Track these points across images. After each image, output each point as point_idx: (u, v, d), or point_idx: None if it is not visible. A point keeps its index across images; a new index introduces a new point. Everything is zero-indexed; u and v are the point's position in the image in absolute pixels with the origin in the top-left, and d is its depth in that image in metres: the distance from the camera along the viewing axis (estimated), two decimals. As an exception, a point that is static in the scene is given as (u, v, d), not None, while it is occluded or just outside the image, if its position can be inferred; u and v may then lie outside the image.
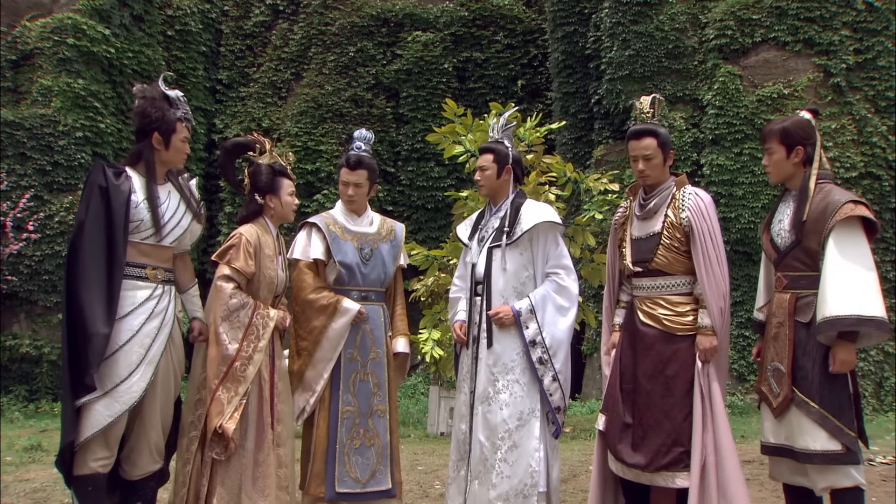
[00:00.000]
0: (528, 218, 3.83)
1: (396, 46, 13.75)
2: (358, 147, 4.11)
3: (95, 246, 3.35)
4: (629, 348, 3.63)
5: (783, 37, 10.47)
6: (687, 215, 3.53)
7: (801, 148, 3.42)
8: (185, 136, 3.63)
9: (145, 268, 3.50)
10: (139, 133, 3.60)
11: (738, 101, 10.36)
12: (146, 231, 3.49)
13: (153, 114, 3.53)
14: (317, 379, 3.92)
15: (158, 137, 3.55)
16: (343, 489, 3.83)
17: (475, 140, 8.15)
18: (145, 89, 3.60)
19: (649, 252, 3.60)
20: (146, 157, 3.56)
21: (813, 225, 3.29)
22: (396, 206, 13.15)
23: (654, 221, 3.63)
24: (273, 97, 13.79)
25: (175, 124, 3.58)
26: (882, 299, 3.16)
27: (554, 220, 3.84)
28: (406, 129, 13.37)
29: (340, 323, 3.89)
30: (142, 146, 3.57)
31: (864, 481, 3.29)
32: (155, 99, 3.56)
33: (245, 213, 3.87)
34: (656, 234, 3.60)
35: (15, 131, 10.81)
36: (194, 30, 13.33)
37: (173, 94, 3.61)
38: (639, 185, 3.75)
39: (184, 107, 3.65)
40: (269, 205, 3.87)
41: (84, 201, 3.41)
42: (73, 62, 11.19)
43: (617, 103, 11.11)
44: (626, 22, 11.07)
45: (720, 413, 3.47)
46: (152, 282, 3.51)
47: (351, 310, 3.88)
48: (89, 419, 3.29)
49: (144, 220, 3.47)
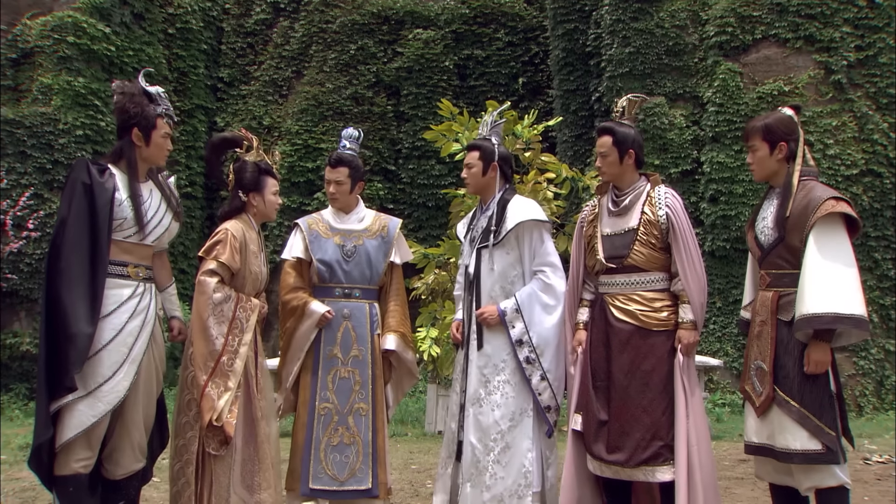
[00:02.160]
0: (512, 217, 3.81)
1: (397, 44, 13.73)
2: (343, 146, 4.12)
3: (79, 244, 3.32)
4: (601, 345, 3.62)
5: (784, 34, 10.40)
6: (665, 212, 3.55)
7: (785, 144, 3.40)
8: (165, 133, 3.60)
9: (127, 266, 3.48)
10: (120, 130, 3.58)
11: (738, 98, 10.30)
12: (129, 229, 3.48)
13: (132, 109, 3.51)
14: (288, 377, 3.97)
15: (138, 133, 3.53)
16: (317, 486, 3.85)
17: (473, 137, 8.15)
18: (124, 85, 3.58)
19: (624, 248, 3.60)
20: (127, 154, 3.54)
21: (795, 222, 3.27)
22: (397, 204, 13.13)
23: (629, 218, 3.64)
24: (274, 95, 13.78)
25: (155, 120, 3.55)
26: (862, 297, 3.13)
27: (538, 217, 3.82)
28: (407, 127, 13.35)
29: (306, 325, 3.92)
30: (122, 143, 3.55)
31: (849, 480, 3.27)
32: (134, 95, 3.54)
33: (228, 210, 3.86)
34: (631, 230, 3.60)
35: (15, 129, 10.82)
36: (195, 28, 13.33)
37: (154, 90, 3.60)
38: (608, 184, 3.76)
39: (164, 103, 3.62)
40: (252, 203, 3.87)
41: (66, 198, 3.37)
42: (73, 60, 11.19)
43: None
44: (626, 19, 11.02)
45: (699, 406, 3.51)
46: (134, 280, 3.50)
47: (316, 312, 3.89)
48: (72, 419, 3.26)
49: (127, 219, 3.45)
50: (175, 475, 3.59)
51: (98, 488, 3.52)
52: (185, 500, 3.53)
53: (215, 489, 3.55)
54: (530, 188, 8.31)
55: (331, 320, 3.93)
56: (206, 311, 3.58)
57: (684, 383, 3.47)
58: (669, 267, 3.59)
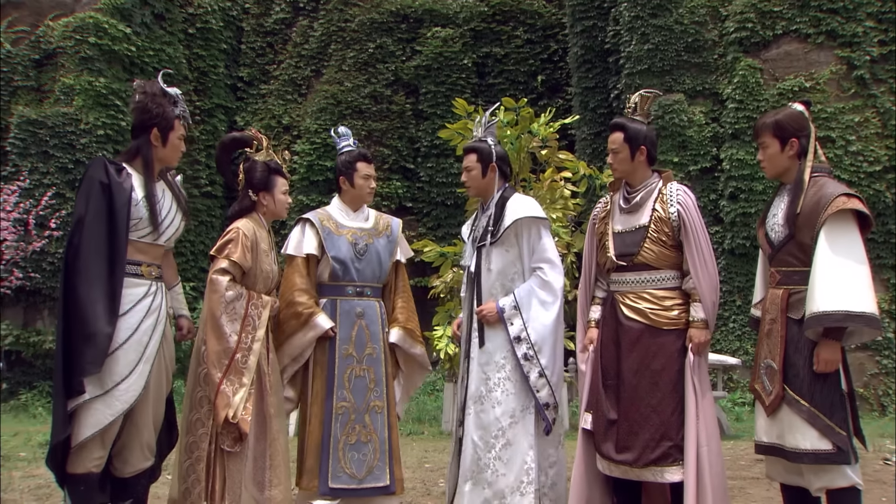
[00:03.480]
0: (510, 215, 3.80)
1: (416, 42, 13.74)
2: (355, 142, 4.14)
3: (97, 243, 3.32)
4: (611, 343, 3.59)
5: (805, 29, 10.29)
6: (677, 209, 3.50)
7: (796, 140, 3.35)
8: (181, 134, 3.62)
9: (141, 265, 3.49)
10: (137, 129, 3.59)
11: (758, 94, 10.20)
12: (144, 229, 3.49)
13: (154, 109, 3.52)
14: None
15: (157, 134, 3.54)
16: (337, 485, 3.83)
17: (487, 136, 8.13)
18: (145, 85, 3.60)
19: (635, 245, 3.56)
20: (144, 154, 3.54)
21: (806, 219, 3.22)
22: (416, 203, 13.15)
23: (640, 215, 3.60)
24: (293, 94, 13.85)
25: (174, 121, 3.57)
26: (873, 295, 3.08)
27: (535, 214, 3.80)
28: (425, 126, 13.36)
29: (308, 336, 3.88)
30: (140, 142, 3.56)
31: (861, 481, 3.22)
32: (155, 95, 3.55)
33: (238, 209, 3.88)
34: (642, 227, 3.56)
35: (38, 130, 10.96)
36: (215, 27, 13.43)
37: (173, 91, 3.61)
38: (620, 181, 3.73)
39: (182, 105, 3.64)
40: (262, 202, 3.89)
41: (83, 197, 3.37)
42: (94, 61, 11.32)
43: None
44: (645, 16, 10.96)
45: (710, 406, 3.45)
46: (147, 279, 3.51)
47: (321, 326, 3.86)
48: (90, 418, 3.28)
49: (143, 219, 3.46)
50: (185, 472, 3.59)
51: (107, 486, 3.54)
52: (195, 496, 3.53)
53: (228, 485, 3.55)
54: (547, 186, 8.29)
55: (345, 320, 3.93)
56: (218, 309, 3.59)
57: (695, 383, 3.42)
58: (681, 265, 3.55)
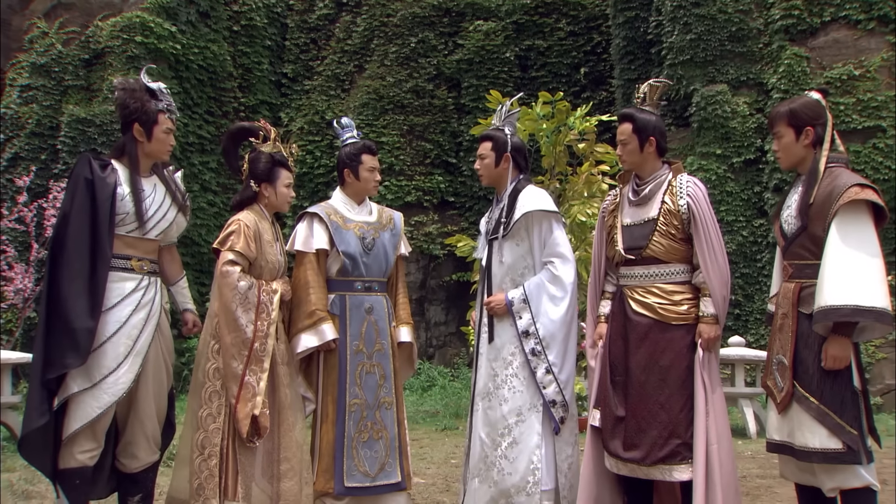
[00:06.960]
0: (521, 207, 3.74)
1: (458, 36, 13.69)
2: (358, 134, 4.13)
3: (80, 238, 3.38)
4: (619, 339, 3.52)
5: (855, 14, 9.94)
6: (686, 202, 3.41)
7: (811, 129, 3.24)
8: (168, 128, 3.64)
9: (130, 259, 3.54)
10: (122, 126, 3.65)
11: (804, 84, 9.89)
12: (131, 224, 3.53)
13: (132, 104, 3.56)
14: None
15: (139, 129, 3.58)
16: (352, 483, 3.79)
17: (524, 129, 8.08)
18: (126, 81, 3.65)
19: (643, 239, 3.48)
20: (129, 150, 3.59)
21: (819, 210, 3.11)
22: (458, 198, 13.11)
23: (649, 208, 3.52)
24: (336, 90, 13.92)
25: (157, 115, 3.60)
26: (886, 289, 2.96)
27: (546, 207, 3.74)
28: (468, 120, 13.29)
29: (307, 339, 3.82)
30: (125, 138, 3.62)
31: (876, 481, 3.11)
32: (135, 91, 3.59)
33: (239, 199, 3.88)
34: (651, 219, 3.48)
35: (87, 128, 11.22)
36: (259, 24, 13.57)
37: (156, 86, 3.65)
38: (630, 172, 3.65)
39: (167, 98, 3.67)
40: (264, 193, 3.87)
41: (69, 193, 3.44)
42: (140, 59, 11.52)
43: (678, 89, 10.79)
44: (687, 5, 10.72)
45: (721, 403, 3.36)
46: (138, 273, 3.56)
47: (325, 335, 3.80)
48: (78, 411, 3.33)
49: (129, 213, 3.51)
50: (197, 468, 3.54)
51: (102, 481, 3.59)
52: (209, 491, 3.51)
53: (241, 479, 3.55)
54: (583, 180, 8.20)
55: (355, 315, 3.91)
56: (233, 302, 3.59)
57: (704, 380, 3.33)
58: (691, 259, 3.46)
